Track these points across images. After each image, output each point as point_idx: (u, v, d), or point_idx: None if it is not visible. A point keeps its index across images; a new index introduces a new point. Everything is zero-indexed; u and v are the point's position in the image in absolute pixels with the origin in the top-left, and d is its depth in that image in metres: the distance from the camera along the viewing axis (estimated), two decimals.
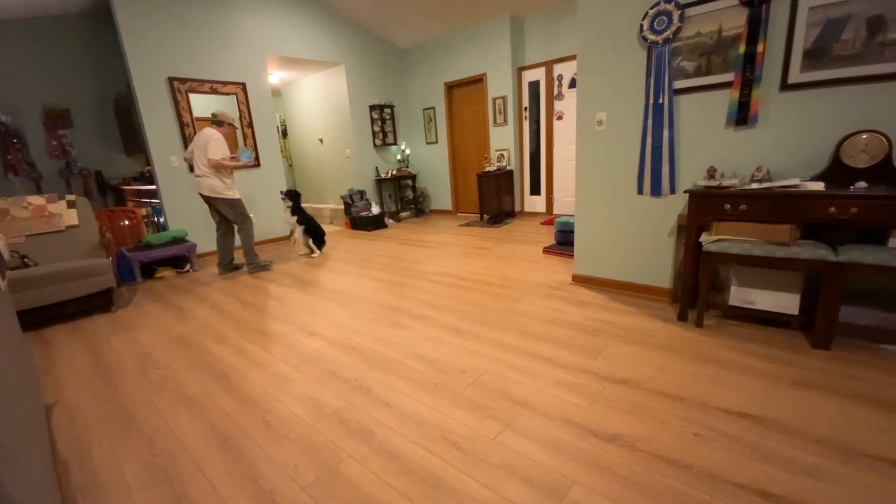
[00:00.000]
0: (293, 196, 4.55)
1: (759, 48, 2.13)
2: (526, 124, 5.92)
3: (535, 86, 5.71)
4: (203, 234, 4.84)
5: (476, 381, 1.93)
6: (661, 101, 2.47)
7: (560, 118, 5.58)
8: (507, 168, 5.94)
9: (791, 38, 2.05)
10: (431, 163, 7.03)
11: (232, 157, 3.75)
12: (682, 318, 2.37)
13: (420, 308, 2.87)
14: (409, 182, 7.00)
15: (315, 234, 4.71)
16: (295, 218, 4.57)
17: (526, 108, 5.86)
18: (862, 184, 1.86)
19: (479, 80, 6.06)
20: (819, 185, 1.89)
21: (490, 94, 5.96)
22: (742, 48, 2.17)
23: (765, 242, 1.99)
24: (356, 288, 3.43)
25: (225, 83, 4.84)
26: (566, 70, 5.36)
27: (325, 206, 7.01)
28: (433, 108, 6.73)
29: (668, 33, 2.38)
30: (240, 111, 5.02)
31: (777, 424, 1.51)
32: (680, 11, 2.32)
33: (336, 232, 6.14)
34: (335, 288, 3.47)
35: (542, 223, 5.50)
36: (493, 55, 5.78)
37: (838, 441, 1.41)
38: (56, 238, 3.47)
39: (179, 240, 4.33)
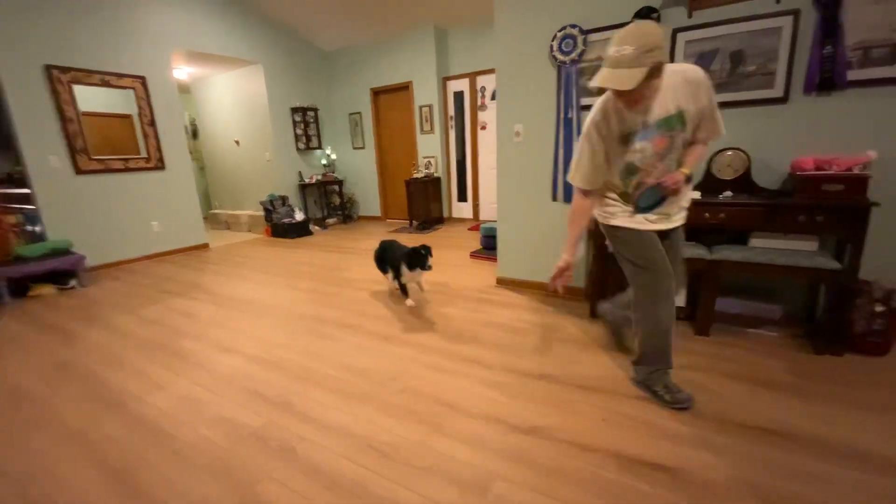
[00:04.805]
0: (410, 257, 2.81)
1: None
2: (452, 133, 6.07)
3: (459, 96, 5.89)
4: (94, 244, 4.25)
5: (404, 387, 1.93)
6: (570, 115, 2.69)
7: (484, 128, 5.81)
8: (435, 175, 6.04)
9: None
10: (359, 168, 6.91)
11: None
12: (593, 315, 2.59)
13: (348, 317, 2.80)
14: (336, 188, 6.81)
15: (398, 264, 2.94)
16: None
17: (452, 118, 6.01)
18: (728, 193, 2.19)
19: (405, 88, 6.10)
20: (696, 194, 2.19)
21: (416, 101, 6.03)
22: None
23: None
24: (278, 299, 3.25)
25: (120, 75, 4.33)
26: (489, 82, 5.61)
27: (242, 212, 6.54)
28: (359, 112, 6.63)
29: (574, 55, 2.60)
30: (139, 108, 4.52)
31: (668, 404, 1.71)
32: (583, 36, 2.55)
33: (255, 240, 5.76)
34: (254, 300, 3.25)
35: (469, 229, 5.66)
36: (418, 63, 5.86)
37: (715, 414, 1.64)
38: None
39: (61, 251, 3.77)
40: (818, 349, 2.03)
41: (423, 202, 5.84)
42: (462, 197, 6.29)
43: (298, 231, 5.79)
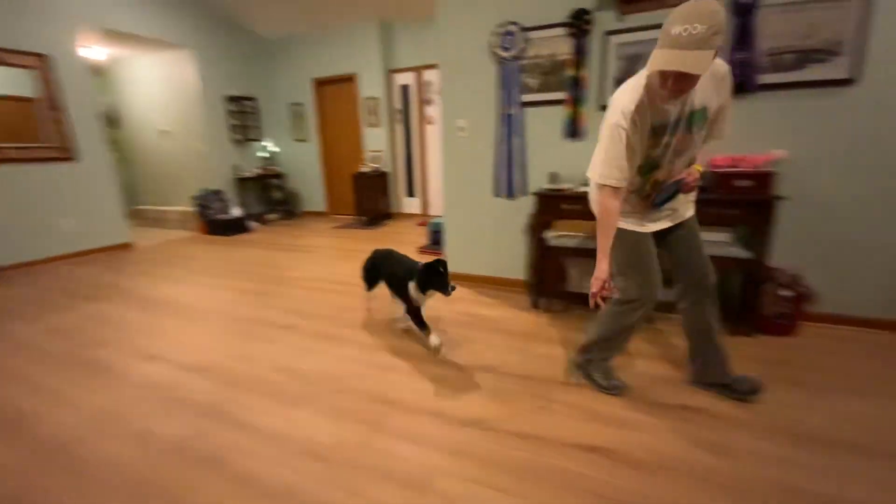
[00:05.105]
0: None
1: (584, 74, 2.51)
2: (399, 127, 5.98)
3: (406, 89, 5.82)
4: None
5: (345, 387, 1.87)
6: (512, 111, 2.73)
7: (431, 123, 5.79)
8: (382, 170, 5.93)
9: (605, 67, 2.47)
10: (301, 162, 6.62)
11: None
12: (535, 306, 2.66)
13: (287, 317, 2.67)
14: (277, 182, 6.48)
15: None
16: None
17: (399, 111, 5.92)
18: None
19: (349, 79, 5.92)
20: None
21: (362, 93, 5.87)
22: (571, 72, 2.53)
23: (592, 236, 2.36)
24: (211, 301, 3.03)
25: (16, 52, 3.80)
26: (436, 77, 5.58)
27: (172, 208, 6.05)
28: (302, 103, 6.35)
29: (515, 52, 2.64)
30: (43, 90, 4.00)
31: None
32: (524, 34, 2.60)
33: (187, 238, 5.35)
34: (184, 302, 3.01)
35: (418, 224, 5.62)
36: (363, 55, 5.71)
37: (643, 395, 1.74)
38: None
39: None
40: (731, 331, 2.22)
41: (371, 197, 5.72)
42: (411, 192, 6.23)
43: (235, 228, 5.45)
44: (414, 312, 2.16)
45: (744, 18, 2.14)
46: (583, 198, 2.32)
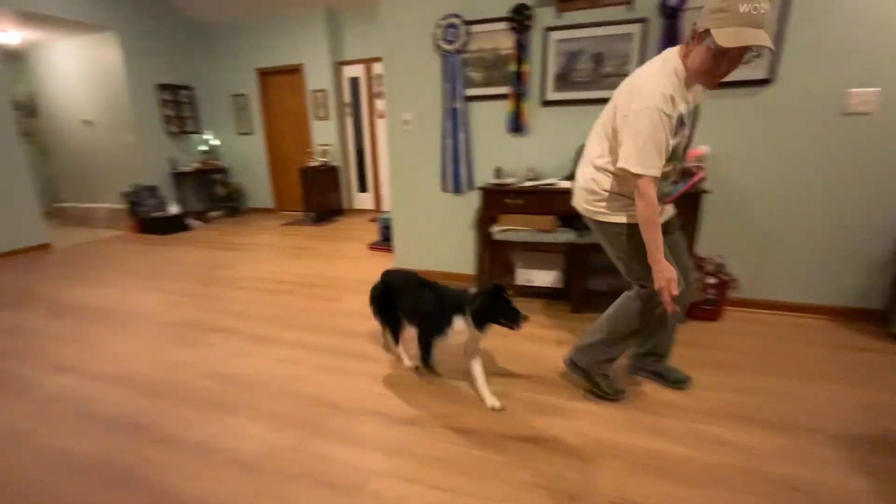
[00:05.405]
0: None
1: (526, 69, 2.53)
2: (350, 120, 5.82)
3: (355, 82, 5.67)
4: None
5: (282, 390, 1.79)
6: (456, 105, 2.72)
7: (382, 117, 5.68)
8: (332, 164, 5.76)
9: (545, 63, 2.51)
10: (246, 156, 6.28)
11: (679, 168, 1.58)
12: None
13: (224, 319, 2.53)
14: (220, 177, 6.12)
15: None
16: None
17: (349, 105, 5.76)
18: None
19: (295, 70, 5.68)
20: (568, 184, 2.36)
21: (309, 85, 5.65)
22: (513, 67, 2.54)
23: (535, 230, 2.40)
24: (140, 305, 2.81)
25: None
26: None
27: (99, 205, 5.56)
28: (245, 94, 6.02)
29: (458, 44, 2.62)
30: None
31: (544, 379, 1.83)
32: (466, 27, 2.58)
33: (116, 238, 4.94)
34: (109, 307, 2.77)
35: (370, 220, 5.51)
36: (310, 46, 5.48)
37: (580, 383, 1.78)
38: None
39: None
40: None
41: (320, 192, 5.53)
42: (362, 187, 6.09)
43: (173, 226, 5.09)
44: (429, 350, 1.75)
45: (671, 21, 2.24)
46: (525, 192, 2.37)
